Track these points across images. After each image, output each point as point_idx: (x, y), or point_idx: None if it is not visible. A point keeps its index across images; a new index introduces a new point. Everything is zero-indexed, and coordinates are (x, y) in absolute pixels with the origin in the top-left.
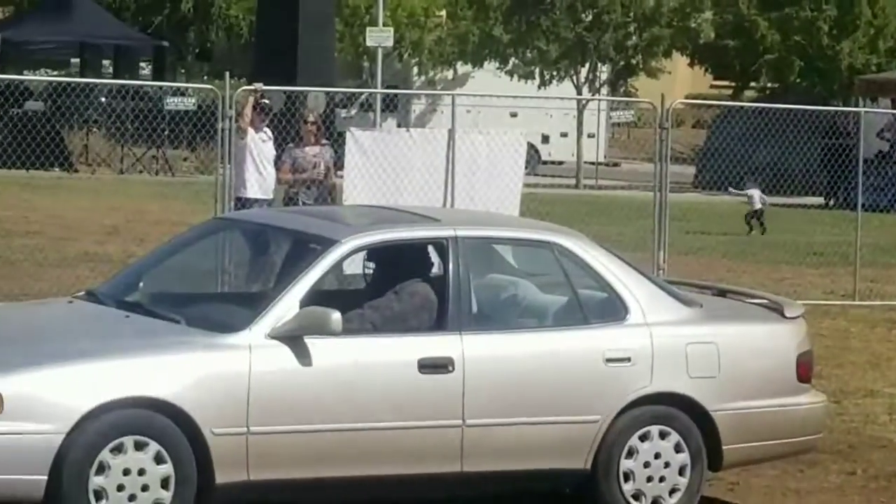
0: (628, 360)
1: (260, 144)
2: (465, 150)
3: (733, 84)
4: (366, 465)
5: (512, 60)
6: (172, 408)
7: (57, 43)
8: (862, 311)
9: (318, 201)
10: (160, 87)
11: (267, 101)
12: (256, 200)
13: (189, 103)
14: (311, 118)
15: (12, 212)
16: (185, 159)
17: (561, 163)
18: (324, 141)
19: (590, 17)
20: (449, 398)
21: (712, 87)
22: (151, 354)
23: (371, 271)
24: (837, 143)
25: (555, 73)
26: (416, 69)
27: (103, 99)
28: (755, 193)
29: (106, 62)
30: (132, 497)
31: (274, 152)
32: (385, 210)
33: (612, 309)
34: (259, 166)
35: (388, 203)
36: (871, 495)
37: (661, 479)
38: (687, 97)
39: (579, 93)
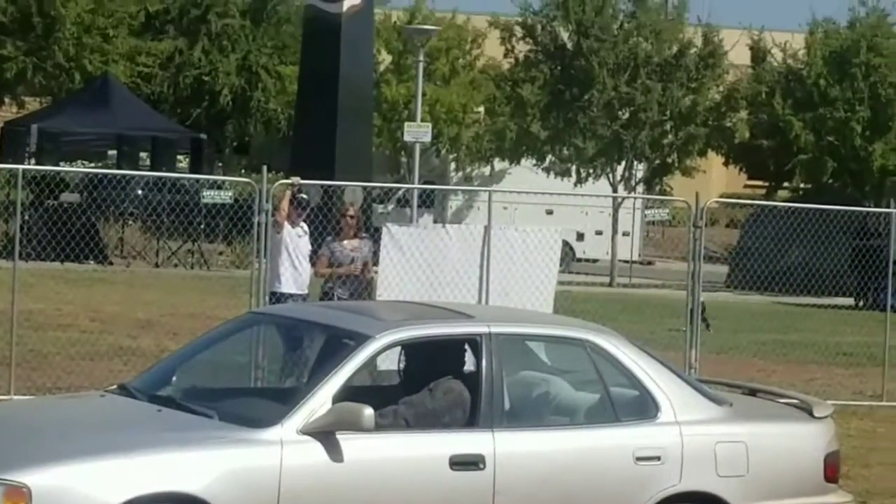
0: (658, 458)
1: (296, 239)
2: (501, 247)
3: (767, 184)
4: None
5: (549, 157)
6: (203, 503)
7: (94, 134)
8: (890, 412)
9: (353, 296)
10: (197, 181)
11: (304, 196)
12: (291, 295)
13: (226, 196)
14: (350, 211)
15: (46, 304)
16: (220, 253)
17: (595, 261)
18: (363, 235)
19: (626, 115)
20: (480, 495)
21: (746, 186)
22: (182, 449)
23: (404, 367)
24: (868, 244)
25: (591, 170)
26: (453, 165)
27: (140, 191)
28: None
29: (143, 154)
30: None
31: (310, 247)
32: (419, 306)
33: (643, 407)
34: (295, 261)
35: (423, 299)
36: None
37: None
38: (721, 196)
39: (615, 190)
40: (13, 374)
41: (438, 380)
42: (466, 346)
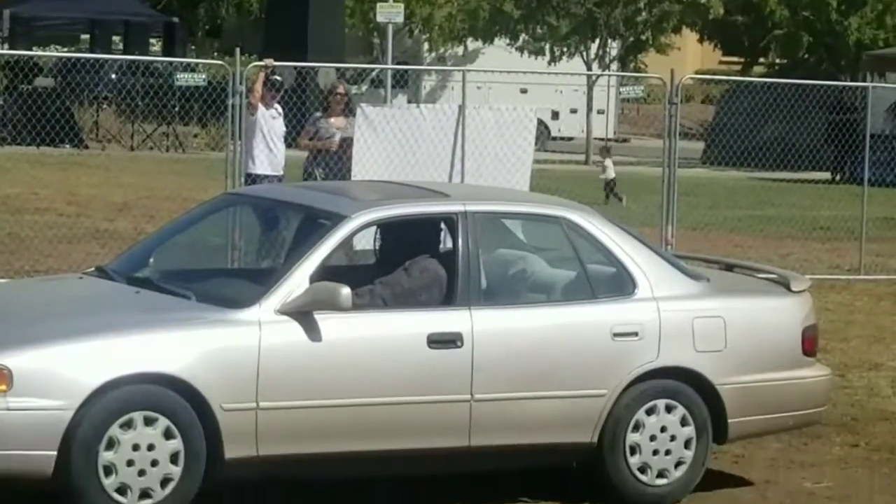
0: (636, 334)
1: (270, 121)
2: (475, 127)
3: (742, 60)
4: (374, 441)
5: (522, 36)
6: (182, 383)
7: (67, 19)
8: (867, 286)
9: (335, 176)
10: (170, 63)
11: (278, 77)
12: (266, 176)
13: (199, 79)
14: (340, 89)
15: (22, 188)
16: (195, 135)
17: (571, 139)
18: (352, 118)
19: None
20: (457, 373)
21: (721, 62)
22: (161, 330)
23: (380, 246)
24: (844, 118)
25: (565, 49)
26: (426, 45)
27: (113, 75)
28: (608, 163)
29: (116, 38)
30: (141, 472)
31: (284, 128)
32: (395, 185)
33: (620, 283)
34: (269, 142)
35: (398, 179)
36: (874, 467)
37: (667, 453)
38: (696, 73)
39: (589, 69)
40: None
41: (414, 258)
42: (442, 225)
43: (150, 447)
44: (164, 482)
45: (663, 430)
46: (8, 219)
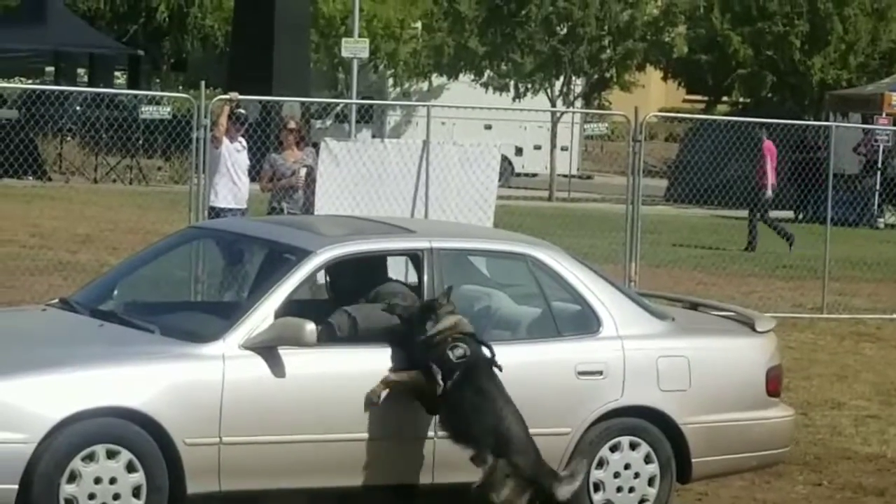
0: (600, 373)
1: (235, 154)
2: (440, 162)
3: (706, 98)
4: (337, 477)
5: (487, 73)
6: (145, 417)
7: (30, 51)
8: (830, 324)
9: (302, 210)
10: (135, 96)
11: (242, 111)
12: (230, 210)
13: (164, 112)
14: (291, 124)
15: None
16: (159, 168)
17: (535, 175)
18: (309, 149)
19: (564, 31)
20: (421, 410)
21: (685, 101)
22: (124, 364)
23: (342, 283)
24: (808, 157)
25: (529, 85)
26: (391, 80)
27: (78, 108)
28: None
29: (81, 71)
30: None
31: (248, 162)
32: (360, 221)
33: (584, 322)
34: (234, 176)
35: (362, 213)
36: None
37: (631, 490)
38: (660, 111)
39: (553, 105)
40: None
41: (385, 288)
42: (408, 261)
43: (112, 480)
44: None
45: (627, 467)
46: None
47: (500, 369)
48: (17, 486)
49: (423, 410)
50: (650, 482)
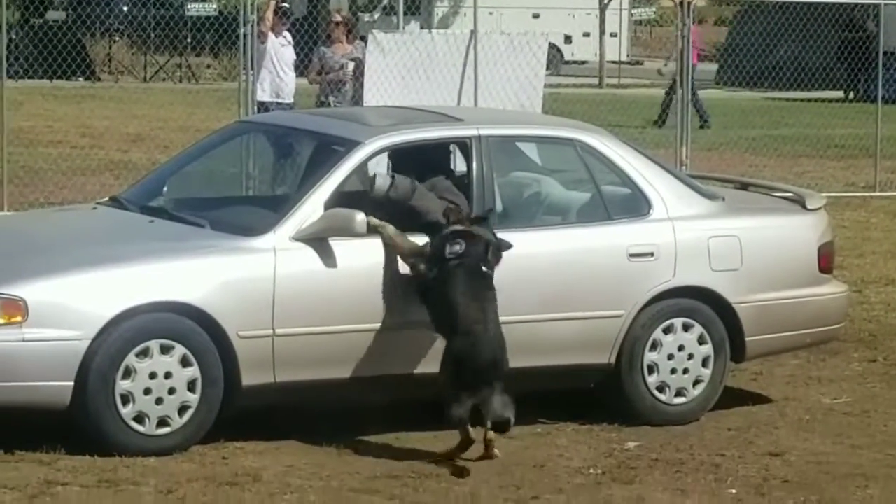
0: (651, 255)
1: (280, 49)
2: (488, 51)
3: None
4: (391, 365)
5: None
6: (198, 311)
7: None
8: (883, 202)
9: (350, 103)
10: None
11: (287, 6)
12: (276, 104)
13: (210, 9)
14: (338, 17)
15: (36, 121)
16: (208, 66)
17: (584, 62)
18: (358, 42)
19: None
20: None
21: None
22: (176, 259)
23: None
24: (856, 35)
25: None
26: None
27: (125, 7)
28: None
29: None
30: (159, 400)
31: (294, 57)
32: (408, 110)
33: (635, 204)
34: (279, 70)
35: (410, 104)
36: (892, 382)
37: (685, 371)
38: None
39: None
40: (5, 190)
41: (430, 180)
42: (456, 149)
43: (167, 375)
44: (182, 410)
45: (681, 348)
46: (22, 151)
47: (489, 268)
48: (72, 383)
49: None
50: (704, 363)
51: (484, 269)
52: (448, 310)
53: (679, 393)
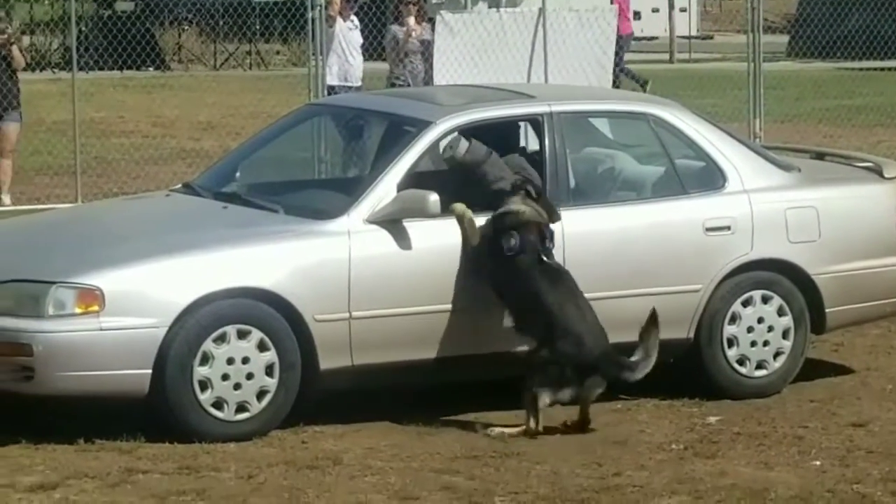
0: (728, 228)
1: (347, 32)
2: (556, 29)
3: None
4: (467, 345)
5: None
6: (274, 296)
7: None
8: None
9: (421, 84)
10: None
11: None
12: (344, 87)
13: None
14: None
15: (107, 112)
16: (277, 52)
17: (654, 38)
18: (426, 24)
19: None
20: None
21: None
22: (251, 244)
23: None
24: None
25: None
26: None
27: None
28: None
29: None
30: (237, 386)
31: (361, 40)
32: (479, 89)
33: (710, 177)
34: (347, 54)
35: (480, 83)
36: None
37: (765, 344)
38: None
39: None
40: (79, 181)
41: (507, 157)
42: (528, 127)
43: (245, 360)
44: (261, 395)
45: (760, 321)
46: (94, 142)
47: (548, 257)
48: (150, 371)
49: None
50: (784, 335)
51: (545, 259)
52: (530, 311)
53: (759, 366)
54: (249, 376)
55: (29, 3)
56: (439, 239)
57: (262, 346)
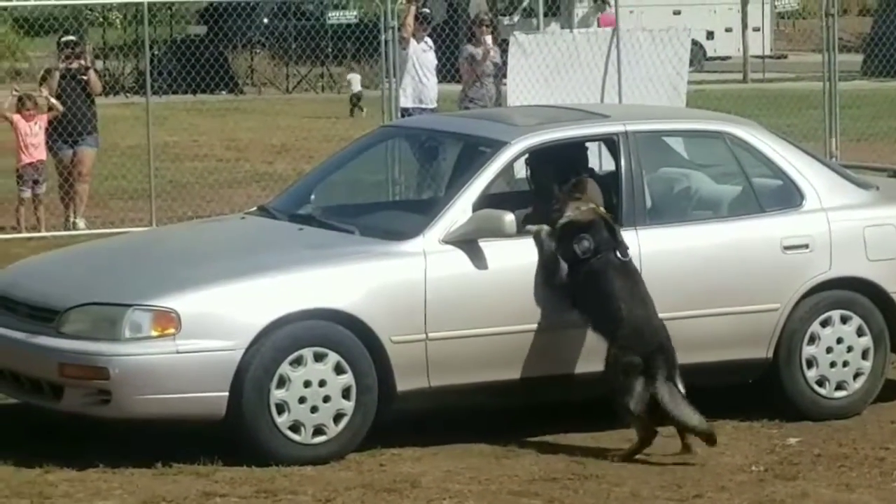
0: (806, 246)
1: (421, 54)
2: (629, 49)
3: None
4: (545, 366)
5: None
6: (350, 318)
7: None
8: None
9: (492, 105)
10: (321, 2)
11: (427, 10)
12: (419, 109)
13: (350, 16)
14: (484, 17)
15: (181, 136)
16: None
17: (727, 58)
18: (495, 47)
19: None
20: None
21: None
22: (327, 266)
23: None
24: None
25: None
26: None
27: (265, 19)
28: (355, 78)
29: None
30: (314, 409)
31: (435, 61)
32: (553, 109)
33: (787, 196)
34: (421, 76)
35: (553, 104)
36: None
37: (845, 364)
38: None
39: None
40: (154, 205)
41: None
42: (604, 147)
43: (322, 383)
44: (337, 418)
45: (839, 341)
46: (168, 166)
47: (625, 255)
48: (227, 393)
49: None
50: (864, 355)
51: (621, 257)
52: (603, 307)
53: (839, 386)
54: (326, 399)
55: (102, 27)
56: (515, 259)
57: (338, 369)
